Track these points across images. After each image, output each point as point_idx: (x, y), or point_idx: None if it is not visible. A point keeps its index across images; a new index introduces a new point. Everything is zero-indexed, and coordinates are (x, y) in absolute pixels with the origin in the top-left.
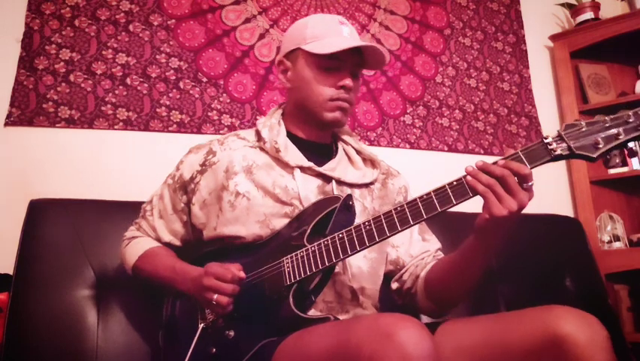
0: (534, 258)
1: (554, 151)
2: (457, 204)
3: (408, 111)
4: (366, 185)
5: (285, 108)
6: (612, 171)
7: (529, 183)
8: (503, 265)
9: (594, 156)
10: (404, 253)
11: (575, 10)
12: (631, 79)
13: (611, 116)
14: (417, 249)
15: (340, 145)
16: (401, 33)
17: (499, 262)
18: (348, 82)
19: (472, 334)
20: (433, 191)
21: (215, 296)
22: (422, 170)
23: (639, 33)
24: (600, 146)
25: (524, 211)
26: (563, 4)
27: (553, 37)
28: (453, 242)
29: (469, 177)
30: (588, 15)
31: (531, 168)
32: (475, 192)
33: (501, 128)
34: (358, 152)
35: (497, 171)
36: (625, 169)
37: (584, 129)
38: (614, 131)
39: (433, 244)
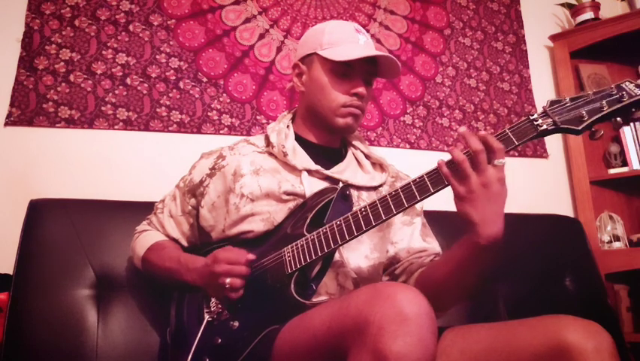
0: (534, 258)
1: (540, 126)
2: (449, 184)
3: (408, 111)
4: (374, 188)
5: (295, 112)
6: (612, 171)
7: (501, 161)
8: (503, 265)
9: (579, 128)
10: (402, 248)
11: (575, 10)
12: (631, 79)
13: (595, 90)
14: (416, 246)
15: (350, 149)
16: (401, 33)
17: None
18: (361, 90)
19: (478, 340)
20: (426, 174)
21: (229, 280)
22: (422, 170)
23: (639, 33)
24: (585, 118)
25: (524, 211)
26: (563, 4)
27: (553, 37)
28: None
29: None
30: (588, 15)
31: (519, 144)
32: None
33: (501, 129)
34: (367, 156)
35: (473, 145)
36: (625, 169)
37: (568, 105)
38: (597, 104)
39: (434, 247)
